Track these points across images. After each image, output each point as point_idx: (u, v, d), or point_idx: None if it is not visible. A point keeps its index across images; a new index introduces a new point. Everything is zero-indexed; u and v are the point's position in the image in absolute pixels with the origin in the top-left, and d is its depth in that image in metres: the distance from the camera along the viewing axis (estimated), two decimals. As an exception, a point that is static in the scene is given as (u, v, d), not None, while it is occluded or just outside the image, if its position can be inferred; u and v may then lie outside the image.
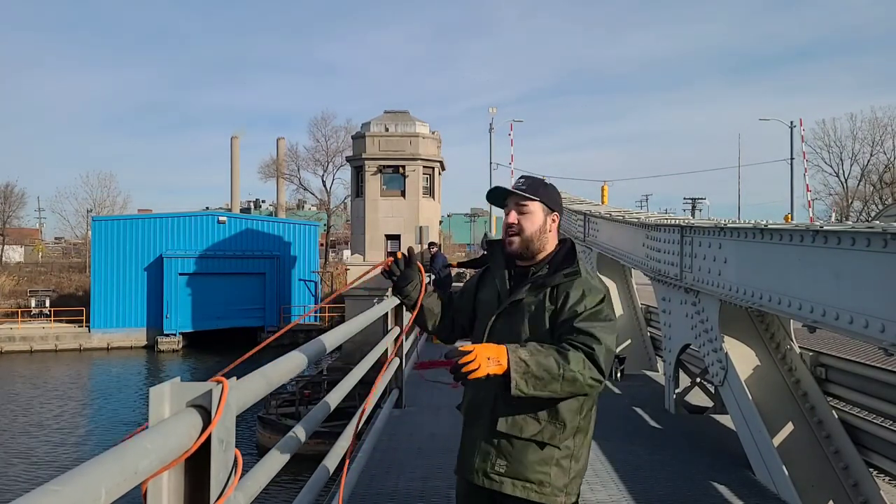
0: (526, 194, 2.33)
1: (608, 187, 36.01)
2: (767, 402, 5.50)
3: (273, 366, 2.24)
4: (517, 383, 1.99)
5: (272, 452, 2.53)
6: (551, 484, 2.20)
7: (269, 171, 58.58)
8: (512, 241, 2.34)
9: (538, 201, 2.35)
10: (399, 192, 27.03)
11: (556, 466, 2.21)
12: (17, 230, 64.27)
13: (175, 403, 1.49)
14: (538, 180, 2.44)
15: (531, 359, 2.02)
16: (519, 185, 2.39)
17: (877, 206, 42.82)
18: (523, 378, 2.00)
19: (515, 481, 2.20)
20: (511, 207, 2.36)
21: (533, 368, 2.01)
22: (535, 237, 2.34)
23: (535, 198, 2.34)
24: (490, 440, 2.25)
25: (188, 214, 38.99)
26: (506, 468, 2.21)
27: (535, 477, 2.19)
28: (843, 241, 3.84)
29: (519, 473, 2.20)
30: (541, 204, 2.35)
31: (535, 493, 2.19)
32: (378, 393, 5.19)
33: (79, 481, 1.04)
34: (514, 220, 2.34)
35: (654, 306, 9.62)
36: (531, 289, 2.28)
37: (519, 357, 2.01)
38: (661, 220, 7.86)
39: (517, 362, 2.00)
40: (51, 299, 40.97)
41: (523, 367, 2.00)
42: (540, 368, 2.01)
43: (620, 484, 5.12)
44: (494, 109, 38.90)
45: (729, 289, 5.53)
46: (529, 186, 2.37)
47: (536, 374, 2.01)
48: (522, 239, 2.33)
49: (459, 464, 2.37)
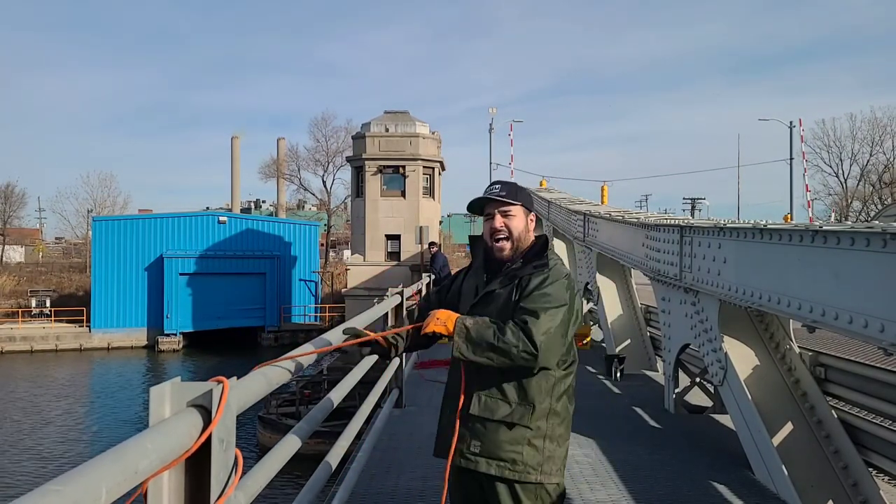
0: (508, 200, 2.49)
1: (608, 187, 35.94)
2: (767, 402, 5.50)
3: (273, 366, 2.25)
4: (458, 345, 2.27)
5: (272, 452, 2.54)
6: (524, 462, 2.34)
7: (270, 171, 58.57)
8: (503, 246, 2.49)
9: (519, 205, 2.51)
10: (399, 192, 27.04)
11: (529, 446, 2.35)
12: (17, 230, 64.26)
13: (175, 403, 1.49)
14: (513, 184, 2.60)
15: (473, 326, 2.28)
16: (496, 191, 2.52)
17: (876, 206, 42.81)
18: (464, 342, 2.27)
19: (490, 460, 2.35)
20: (495, 213, 2.50)
21: (473, 335, 2.26)
22: (522, 238, 2.51)
23: (517, 202, 2.50)
24: (465, 423, 2.41)
25: (188, 214, 38.99)
26: (480, 448, 2.37)
27: (508, 456, 2.34)
28: (842, 241, 3.84)
29: (492, 453, 2.35)
30: (521, 207, 2.52)
31: (509, 470, 2.34)
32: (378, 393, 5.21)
33: (79, 481, 1.05)
34: (501, 226, 2.49)
35: (653, 306, 9.62)
36: (503, 280, 2.46)
37: (463, 323, 2.29)
38: (661, 220, 7.86)
39: (461, 328, 2.28)
40: (51, 299, 40.97)
41: (465, 333, 2.27)
42: (479, 336, 2.26)
43: (620, 484, 5.13)
44: (494, 109, 38.85)
45: (728, 289, 5.54)
46: (509, 192, 2.52)
47: (475, 340, 2.26)
48: (512, 241, 2.49)
49: (437, 446, 2.53)
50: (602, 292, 11.39)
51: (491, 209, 2.51)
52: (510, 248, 2.49)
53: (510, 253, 2.49)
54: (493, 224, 2.50)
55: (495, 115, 38.63)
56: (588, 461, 5.73)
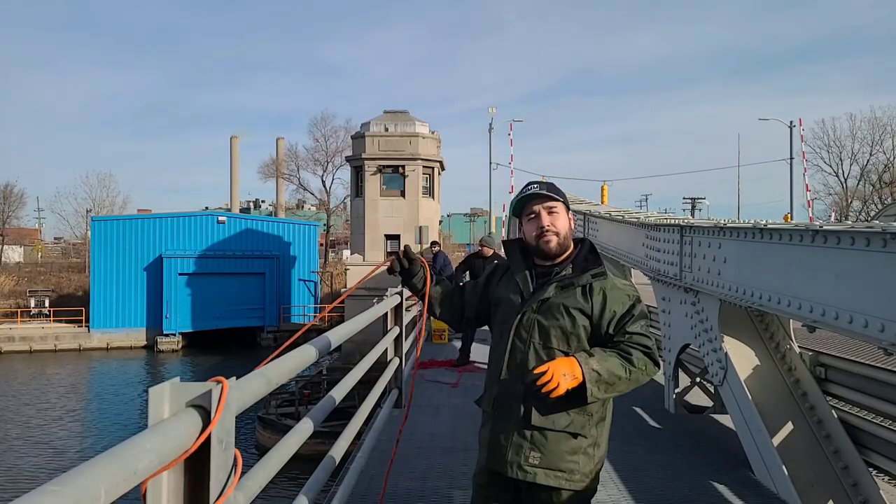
0: (555, 196, 2.46)
1: (608, 187, 36.04)
2: (767, 402, 5.50)
3: (273, 366, 2.24)
4: (592, 392, 2.21)
5: (272, 452, 2.53)
6: (580, 472, 2.32)
7: (269, 171, 58.56)
8: (550, 240, 2.43)
9: (562, 202, 2.48)
10: (399, 192, 27.04)
11: (584, 455, 2.34)
12: (16, 230, 64.24)
13: (174, 403, 1.49)
14: (553, 184, 2.56)
15: (601, 367, 2.22)
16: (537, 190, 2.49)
17: (876, 205, 42.84)
18: (597, 385, 2.22)
19: (549, 471, 2.30)
20: (540, 210, 2.45)
21: (605, 376, 2.23)
22: (567, 236, 2.47)
23: (560, 198, 2.47)
24: (522, 433, 2.33)
25: (188, 214, 38.98)
26: (539, 460, 2.31)
27: (567, 466, 2.31)
28: (842, 240, 3.84)
29: (552, 464, 2.31)
30: (563, 204, 2.49)
31: (566, 480, 2.31)
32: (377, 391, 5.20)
33: (78, 481, 1.04)
34: (548, 223, 2.43)
35: (653, 306, 9.61)
36: (558, 287, 2.39)
37: (591, 368, 2.21)
38: (661, 220, 7.86)
39: (590, 373, 2.21)
40: (50, 299, 40.97)
41: (595, 377, 2.21)
42: (610, 375, 2.24)
43: (620, 484, 5.12)
44: (494, 109, 38.92)
45: (728, 288, 5.53)
46: (550, 189, 2.49)
47: (608, 381, 2.23)
48: (559, 238, 2.44)
49: (489, 458, 2.42)
50: (602, 292, 11.37)
51: (536, 206, 2.46)
52: (557, 242, 2.44)
53: (557, 247, 2.44)
54: (541, 222, 2.44)
55: (495, 114, 38.70)
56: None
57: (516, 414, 2.35)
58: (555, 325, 2.34)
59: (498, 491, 2.43)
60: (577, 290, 2.36)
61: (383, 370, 6.24)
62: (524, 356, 2.37)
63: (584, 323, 2.35)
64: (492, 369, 2.50)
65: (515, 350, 2.39)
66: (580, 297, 2.36)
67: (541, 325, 2.36)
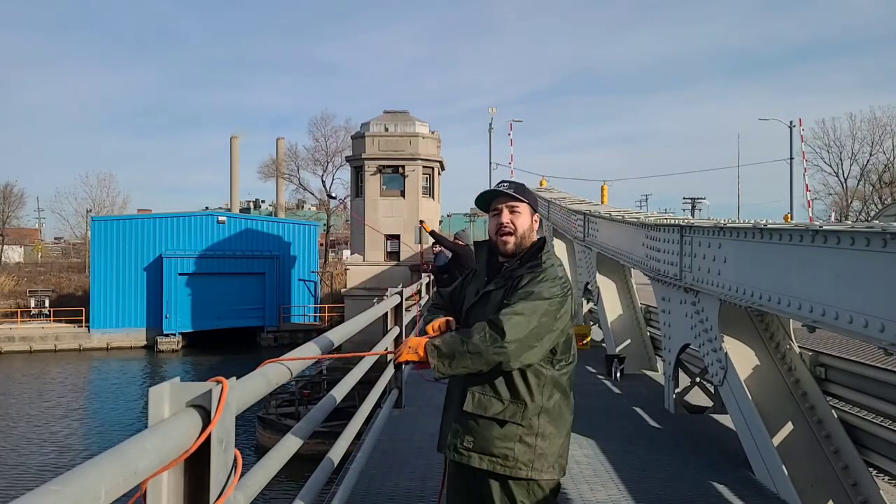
0: (518, 196, 2.54)
1: (608, 187, 35.96)
2: (767, 402, 5.50)
3: (273, 366, 2.24)
4: (434, 366, 2.32)
5: (272, 452, 2.53)
6: (515, 458, 2.38)
7: (269, 171, 58.52)
8: (507, 240, 2.53)
9: (526, 203, 2.56)
10: (399, 191, 27.03)
11: (520, 443, 2.39)
12: (16, 230, 64.25)
13: (174, 403, 1.49)
14: (521, 184, 2.64)
15: (441, 343, 2.33)
16: (505, 187, 2.59)
17: (876, 205, 42.84)
18: (438, 360, 2.31)
19: (482, 455, 2.40)
20: (502, 209, 2.55)
21: (444, 350, 2.31)
22: (525, 235, 2.55)
23: (525, 199, 2.55)
24: (459, 419, 2.46)
25: (188, 214, 38.96)
26: (472, 444, 2.42)
27: (499, 451, 2.38)
28: (842, 240, 3.84)
29: (484, 448, 2.40)
30: (528, 205, 2.57)
31: (500, 465, 2.39)
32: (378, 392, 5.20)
33: (78, 481, 1.04)
34: (507, 221, 2.53)
35: (653, 306, 9.62)
36: (499, 281, 2.51)
37: (433, 344, 2.33)
38: (661, 220, 7.86)
39: (431, 349, 2.33)
40: (50, 299, 40.96)
41: (436, 352, 2.32)
42: (448, 348, 2.31)
43: (620, 484, 5.12)
44: (494, 109, 38.90)
45: (728, 288, 5.53)
46: (517, 189, 2.58)
47: (447, 354, 2.31)
48: (516, 237, 2.53)
49: (439, 442, 2.58)
50: (602, 292, 11.39)
51: (499, 204, 2.56)
52: (514, 241, 2.52)
53: (513, 248, 2.52)
54: (500, 219, 2.54)
55: (495, 114, 38.69)
56: (588, 461, 5.73)
57: (457, 402, 2.48)
58: (482, 315, 2.43)
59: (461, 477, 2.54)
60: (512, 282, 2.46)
61: (383, 370, 6.24)
62: None
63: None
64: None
65: None
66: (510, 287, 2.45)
67: (476, 317, 2.46)
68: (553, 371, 2.45)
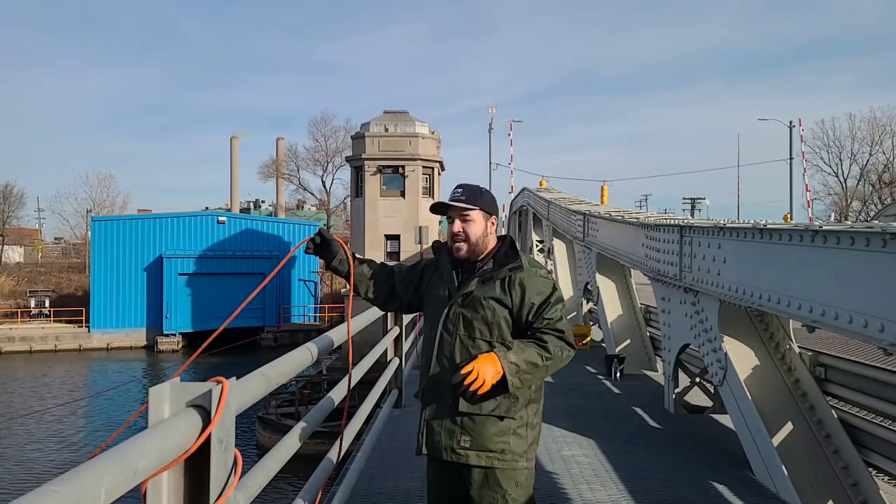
0: (466, 205, 2.59)
1: (607, 187, 35.98)
2: (767, 402, 5.50)
3: (273, 366, 2.25)
4: (513, 383, 2.35)
5: (272, 452, 2.54)
6: (512, 451, 2.45)
7: (269, 171, 58.55)
8: (460, 247, 2.59)
9: (478, 209, 2.61)
10: (398, 192, 27.03)
11: (514, 435, 2.46)
12: (16, 230, 64.24)
13: (174, 404, 1.49)
14: (475, 189, 2.68)
15: (519, 358, 2.37)
16: (457, 196, 2.63)
17: (876, 205, 42.84)
18: (517, 377, 2.36)
19: (480, 453, 2.44)
20: (455, 217, 2.61)
21: (523, 367, 2.37)
22: (479, 241, 2.61)
23: (475, 207, 2.61)
24: (453, 419, 2.47)
25: (188, 215, 38.99)
26: (470, 442, 2.45)
27: (497, 447, 2.44)
28: (842, 240, 3.84)
29: (482, 445, 2.44)
30: (480, 211, 2.62)
31: (498, 460, 2.44)
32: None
33: (78, 481, 1.05)
34: (458, 230, 2.60)
35: (653, 306, 9.62)
36: (480, 282, 2.54)
37: (510, 361, 2.36)
38: (661, 220, 7.86)
39: (510, 366, 2.35)
40: (50, 299, 40.98)
41: (515, 369, 2.36)
42: (528, 365, 2.38)
43: (620, 484, 5.13)
44: (494, 110, 38.99)
45: (728, 288, 5.53)
46: (469, 197, 2.62)
47: (526, 371, 2.37)
48: (469, 245, 2.59)
49: (427, 444, 2.55)
50: (602, 292, 11.39)
51: (452, 213, 2.62)
52: (466, 249, 2.59)
53: (466, 254, 2.59)
54: (452, 228, 2.61)
55: (495, 115, 38.74)
56: (588, 461, 5.73)
57: (447, 401, 2.48)
58: (477, 318, 2.49)
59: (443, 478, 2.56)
60: (497, 283, 2.52)
61: (383, 370, 6.24)
62: (451, 348, 2.52)
63: (504, 314, 2.49)
64: (423, 362, 2.65)
65: (443, 342, 2.54)
66: (499, 289, 2.51)
67: (465, 318, 2.51)
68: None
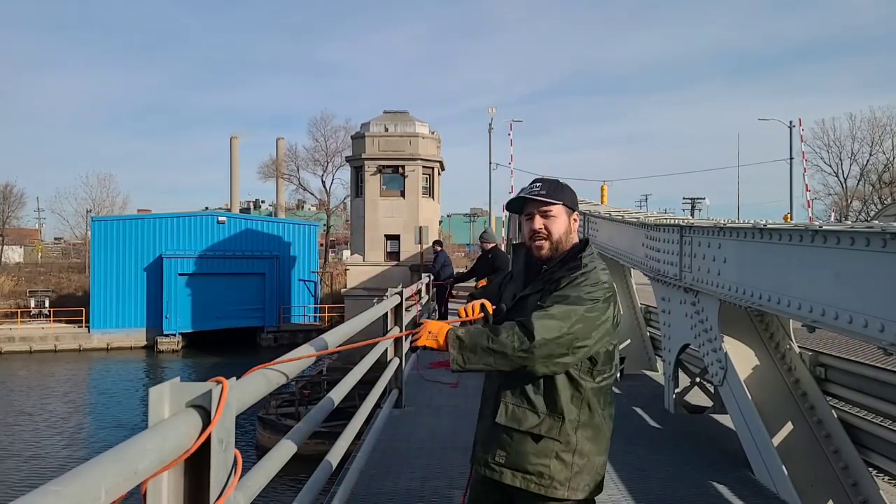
0: (550, 200, 2.39)
1: (607, 187, 36.01)
2: (767, 402, 5.50)
3: (273, 366, 2.24)
4: (453, 357, 2.18)
5: (272, 453, 2.53)
6: (551, 476, 2.23)
7: (269, 171, 58.57)
8: (541, 245, 2.39)
9: (561, 204, 2.41)
10: (399, 192, 27.03)
11: (556, 459, 2.23)
12: (16, 230, 64.24)
13: (174, 404, 1.49)
14: (556, 182, 2.47)
15: (465, 335, 2.19)
16: (538, 190, 2.42)
17: (876, 205, 42.85)
18: (458, 352, 2.18)
19: (515, 472, 2.25)
20: (535, 213, 2.40)
21: (466, 341, 2.18)
22: (563, 239, 2.41)
23: (559, 202, 2.40)
24: (492, 431, 2.31)
25: (188, 215, 38.98)
26: (505, 458, 2.27)
27: (534, 468, 2.23)
28: (842, 240, 3.84)
29: (517, 464, 2.25)
30: (563, 206, 2.42)
31: (535, 484, 2.23)
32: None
33: (78, 482, 1.04)
34: (539, 226, 2.39)
35: (653, 306, 9.61)
36: (536, 284, 2.37)
37: (456, 334, 2.20)
38: (661, 220, 7.86)
39: (453, 339, 2.19)
40: (50, 299, 40.97)
41: (458, 343, 2.18)
42: (471, 341, 2.17)
43: (620, 484, 5.13)
44: (494, 109, 38.95)
45: (728, 288, 5.53)
46: (550, 191, 2.41)
47: (469, 347, 2.17)
48: (551, 243, 2.39)
49: (472, 454, 2.45)
50: (602, 292, 11.37)
51: (531, 209, 2.42)
52: (548, 247, 2.39)
53: (549, 252, 2.39)
54: (533, 225, 2.40)
55: (495, 115, 38.73)
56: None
57: (490, 412, 2.36)
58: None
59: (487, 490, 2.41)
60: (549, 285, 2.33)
61: (383, 370, 6.24)
62: None
63: None
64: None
65: None
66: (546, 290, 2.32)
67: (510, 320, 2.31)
68: (593, 383, 2.31)
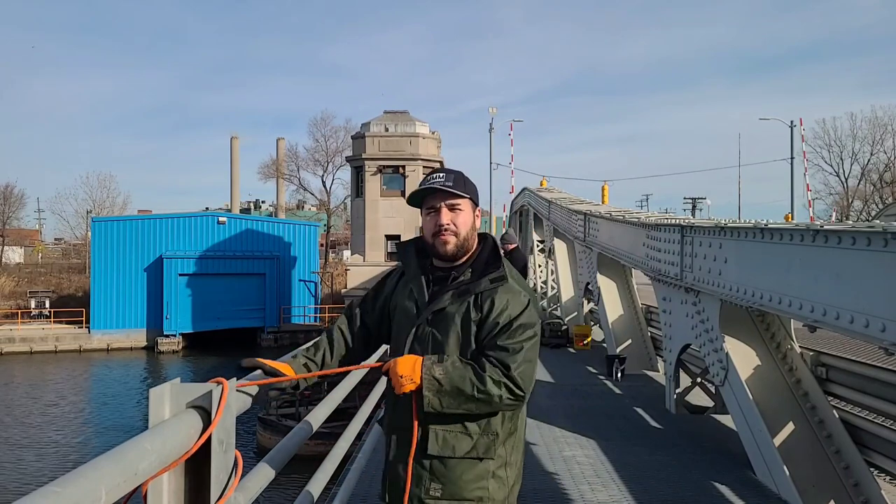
0: (459, 192, 2.17)
1: (608, 187, 35.94)
2: (768, 402, 5.49)
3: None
4: (429, 401, 1.96)
5: (272, 453, 2.53)
6: (491, 498, 2.05)
7: (269, 171, 58.63)
8: (448, 240, 2.14)
9: (467, 198, 2.20)
10: (399, 192, 27.06)
11: (493, 479, 2.06)
12: (16, 231, 64.31)
13: (175, 404, 1.48)
14: (461, 174, 2.25)
15: (444, 377, 1.97)
16: (443, 181, 2.18)
17: (877, 205, 42.85)
18: (436, 396, 1.96)
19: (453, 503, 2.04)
20: (441, 206, 2.16)
21: (446, 387, 1.96)
22: (469, 235, 2.19)
23: (466, 195, 2.20)
24: (421, 463, 2.06)
25: (188, 215, 38.99)
26: (441, 491, 2.04)
27: (474, 495, 2.03)
28: (843, 240, 3.84)
29: (455, 494, 2.03)
30: (470, 201, 2.21)
31: None
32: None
33: (79, 482, 1.04)
34: (447, 220, 2.15)
35: (654, 306, 9.61)
36: (454, 296, 2.12)
37: (433, 375, 1.97)
38: (662, 220, 7.86)
39: (430, 381, 1.96)
40: (50, 300, 40.98)
41: (436, 386, 1.96)
42: (453, 388, 1.96)
43: (621, 484, 5.12)
44: (494, 110, 38.88)
45: (729, 288, 5.53)
46: (458, 183, 2.19)
47: (449, 393, 1.96)
48: (458, 238, 2.16)
49: (388, 490, 2.15)
50: (603, 292, 11.39)
51: (436, 202, 2.17)
52: (455, 243, 2.15)
53: (454, 248, 2.15)
54: (440, 219, 2.14)
55: (495, 115, 38.67)
56: (589, 462, 5.72)
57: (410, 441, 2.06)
58: (448, 339, 2.08)
59: None
60: (472, 299, 2.09)
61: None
62: None
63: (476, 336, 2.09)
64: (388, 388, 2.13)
65: None
66: (473, 305, 2.09)
67: (435, 339, 2.10)
68: None
